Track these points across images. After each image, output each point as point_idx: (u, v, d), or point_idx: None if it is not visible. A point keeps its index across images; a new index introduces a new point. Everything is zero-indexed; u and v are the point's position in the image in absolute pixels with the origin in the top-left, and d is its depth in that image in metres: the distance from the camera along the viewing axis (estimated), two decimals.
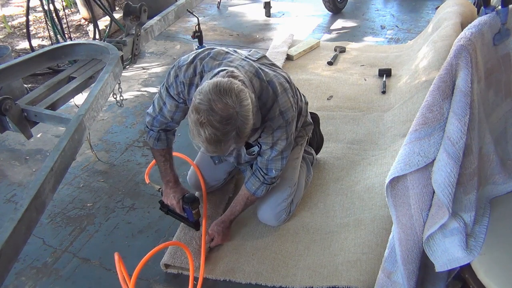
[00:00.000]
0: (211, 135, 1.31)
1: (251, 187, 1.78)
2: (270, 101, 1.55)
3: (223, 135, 1.32)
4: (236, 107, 1.32)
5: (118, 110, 2.86)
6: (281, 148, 1.65)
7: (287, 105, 1.57)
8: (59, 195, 2.16)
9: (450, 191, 1.05)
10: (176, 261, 1.72)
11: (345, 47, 3.51)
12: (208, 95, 1.31)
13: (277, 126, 1.58)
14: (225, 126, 1.31)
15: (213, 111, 1.29)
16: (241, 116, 1.33)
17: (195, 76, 1.59)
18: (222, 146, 1.35)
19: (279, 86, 1.57)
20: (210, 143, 1.33)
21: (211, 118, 1.29)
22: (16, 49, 3.91)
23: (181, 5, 3.16)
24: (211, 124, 1.29)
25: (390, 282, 1.26)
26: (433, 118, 1.07)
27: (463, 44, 1.06)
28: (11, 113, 1.75)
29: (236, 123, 1.33)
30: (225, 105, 1.30)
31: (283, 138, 1.62)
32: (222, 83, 1.33)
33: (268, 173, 1.73)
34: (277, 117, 1.56)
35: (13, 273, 1.76)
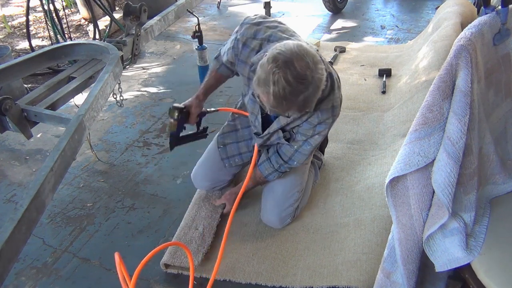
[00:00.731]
0: (280, 89, 1.26)
1: (264, 171, 1.80)
2: (327, 92, 1.51)
3: (291, 94, 1.28)
4: (313, 72, 1.28)
5: (118, 110, 2.86)
6: (315, 143, 1.66)
7: (338, 102, 1.57)
8: (59, 195, 2.16)
9: (450, 191, 1.05)
10: (176, 261, 1.72)
11: (345, 47, 3.51)
12: (291, 49, 1.28)
13: (324, 119, 1.56)
14: (298, 84, 1.27)
15: (292, 65, 1.26)
16: (314, 83, 1.30)
17: (253, 39, 1.56)
18: (285, 105, 1.31)
19: (337, 81, 1.57)
20: (275, 97, 1.28)
21: (287, 71, 1.25)
22: (16, 49, 3.91)
23: (181, 5, 3.16)
24: (285, 77, 1.25)
25: (390, 282, 1.26)
26: (433, 118, 1.07)
27: (463, 44, 1.06)
28: (11, 113, 1.75)
29: (308, 87, 1.29)
30: (305, 64, 1.27)
31: (322, 134, 1.63)
32: (305, 46, 1.32)
33: (289, 162, 1.73)
34: (328, 110, 1.55)
35: (13, 273, 1.76)
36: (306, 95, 1.30)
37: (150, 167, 2.35)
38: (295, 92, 1.28)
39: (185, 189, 2.18)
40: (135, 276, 1.46)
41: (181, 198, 2.12)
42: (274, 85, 1.26)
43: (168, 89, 3.14)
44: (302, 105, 1.33)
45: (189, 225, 1.88)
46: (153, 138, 2.59)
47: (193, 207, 1.99)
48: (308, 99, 1.32)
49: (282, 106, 1.32)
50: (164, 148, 2.50)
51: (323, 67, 1.33)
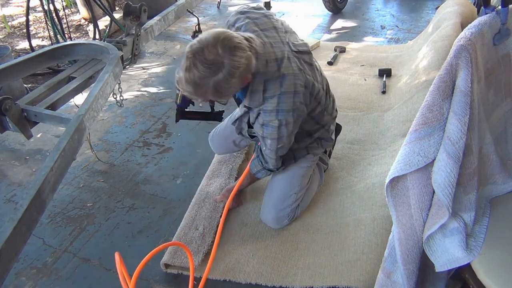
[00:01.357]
0: (190, 74, 1.35)
1: (253, 168, 1.86)
2: (272, 92, 1.52)
3: (199, 78, 1.35)
4: (225, 58, 1.33)
5: (118, 110, 2.86)
6: (272, 147, 1.65)
7: (287, 107, 1.53)
8: (59, 195, 2.16)
9: (450, 191, 1.05)
10: (176, 261, 1.72)
11: (345, 47, 3.51)
12: (207, 37, 1.35)
13: (267, 122, 1.56)
14: (206, 69, 1.33)
15: (202, 52, 1.33)
16: (226, 70, 1.35)
17: (233, 26, 1.64)
18: (196, 90, 1.39)
19: (291, 85, 1.52)
20: (187, 81, 1.37)
21: (196, 57, 1.33)
22: (16, 49, 3.91)
23: (181, 5, 3.16)
24: (194, 62, 1.33)
25: (390, 282, 1.26)
26: (433, 118, 1.07)
27: (463, 44, 1.06)
28: (11, 113, 1.75)
29: (217, 73, 1.34)
30: (215, 51, 1.33)
31: (273, 138, 1.61)
32: (227, 33, 1.36)
33: (267, 161, 1.77)
34: (271, 112, 1.53)
35: (13, 273, 1.76)
36: (216, 79, 1.35)
37: (150, 167, 2.36)
38: (203, 77, 1.34)
39: (185, 189, 2.18)
40: (135, 276, 1.46)
41: (181, 198, 2.12)
42: (185, 71, 1.35)
43: (168, 89, 3.14)
44: (214, 91, 1.39)
45: (189, 225, 1.88)
46: (153, 138, 2.59)
47: (193, 207, 1.99)
48: (218, 84, 1.37)
49: (195, 91, 1.39)
50: (164, 148, 2.50)
51: (241, 55, 1.36)
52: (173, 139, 2.57)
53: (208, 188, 2.10)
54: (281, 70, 1.51)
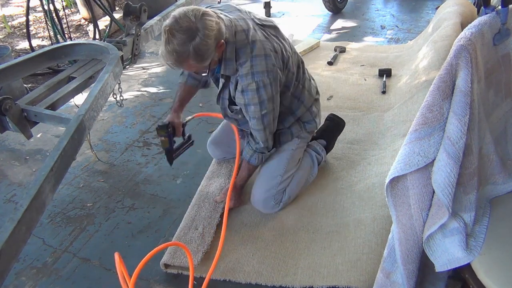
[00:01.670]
0: (170, 45, 1.45)
1: (245, 155, 1.90)
2: (244, 58, 1.62)
3: (179, 45, 1.45)
4: (197, 24, 1.45)
5: (118, 110, 2.86)
6: (256, 114, 1.70)
7: (260, 69, 1.62)
8: (59, 195, 2.16)
9: (450, 191, 1.05)
10: (176, 261, 1.72)
11: (345, 47, 3.51)
12: (179, 12, 1.47)
13: (246, 86, 1.64)
14: (182, 35, 1.44)
15: (176, 22, 1.45)
16: (201, 34, 1.45)
17: None
18: (180, 58, 1.48)
19: (261, 49, 1.62)
20: (169, 52, 1.47)
21: (173, 27, 1.44)
22: (16, 49, 3.91)
23: (181, 5, 3.16)
24: (171, 32, 1.44)
25: (389, 282, 1.26)
26: (433, 118, 1.07)
27: (463, 44, 1.06)
28: (11, 113, 1.75)
29: (193, 36, 1.45)
30: (188, 19, 1.45)
31: (255, 103, 1.67)
32: (197, 7, 1.50)
33: (257, 141, 1.82)
34: (246, 75, 1.63)
35: (13, 273, 1.76)
36: (194, 44, 1.45)
37: (150, 167, 2.36)
38: (181, 42, 1.45)
39: (185, 189, 2.18)
40: (135, 276, 1.46)
41: (181, 198, 2.12)
42: (165, 44, 1.46)
43: (168, 89, 3.14)
44: (195, 55, 1.47)
45: (189, 225, 1.88)
46: (153, 138, 2.59)
47: (193, 207, 1.99)
48: (198, 47, 1.46)
49: (178, 59, 1.49)
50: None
51: (212, 20, 1.48)
52: None
53: (208, 188, 2.10)
54: (249, 38, 1.63)
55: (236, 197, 1.99)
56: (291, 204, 2.01)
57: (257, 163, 1.91)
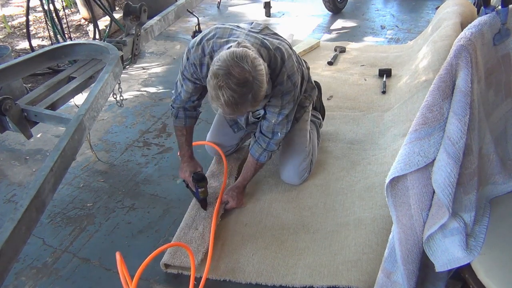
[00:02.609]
0: (229, 98, 1.44)
1: (254, 153, 1.95)
2: (279, 67, 1.69)
3: (239, 97, 1.45)
4: (252, 72, 1.45)
5: (118, 110, 2.86)
6: (287, 111, 1.81)
7: (293, 70, 1.73)
8: (59, 195, 2.16)
9: (450, 191, 1.05)
10: (176, 261, 1.72)
11: (345, 47, 3.51)
12: (225, 61, 1.44)
13: (286, 90, 1.73)
14: (242, 88, 1.44)
15: (230, 75, 1.43)
16: (257, 80, 1.47)
17: (204, 56, 1.71)
18: (239, 108, 1.49)
19: (285, 52, 1.71)
20: (228, 105, 1.46)
21: (229, 82, 1.42)
22: (16, 49, 3.91)
23: (181, 5, 3.16)
24: (229, 87, 1.43)
25: (390, 282, 1.26)
26: (433, 118, 1.07)
27: (463, 44, 1.06)
28: (11, 113, 1.75)
29: (252, 87, 1.46)
30: (242, 69, 1.43)
31: (291, 101, 1.78)
32: (238, 51, 1.47)
33: (274, 136, 1.88)
34: (286, 81, 1.71)
35: (13, 273, 1.76)
36: (253, 93, 1.48)
37: (150, 167, 2.36)
38: (242, 95, 1.45)
39: (185, 189, 2.17)
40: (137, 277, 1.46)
41: (181, 198, 2.12)
42: (223, 96, 1.44)
43: (168, 89, 3.14)
44: (253, 101, 1.50)
45: (189, 225, 1.88)
46: (153, 138, 2.59)
47: (193, 207, 1.99)
48: (256, 94, 1.49)
49: (237, 110, 1.50)
50: (164, 148, 2.50)
51: (260, 63, 1.50)
52: (173, 139, 2.57)
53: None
54: (269, 47, 1.67)
55: (239, 197, 2.00)
56: (291, 204, 2.01)
57: (265, 161, 1.97)
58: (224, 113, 1.54)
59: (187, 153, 2.04)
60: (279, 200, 2.04)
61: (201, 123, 2.65)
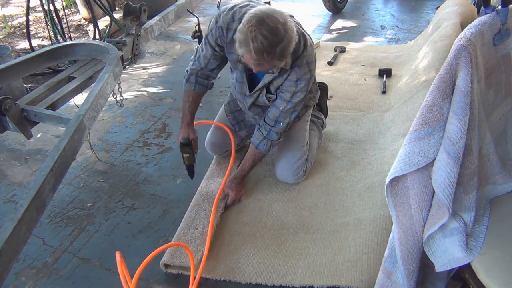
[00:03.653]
0: (259, 44, 1.46)
1: (255, 140, 1.98)
2: (301, 51, 1.71)
3: (269, 46, 1.47)
4: (284, 25, 1.49)
5: (118, 110, 2.86)
6: (297, 100, 1.82)
7: (312, 58, 1.76)
8: (59, 195, 2.16)
9: (450, 191, 1.05)
10: (176, 261, 1.72)
11: (345, 47, 3.51)
12: (260, 11, 1.50)
13: (302, 75, 1.75)
14: (273, 37, 1.47)
15: (264, 22, 1.47)
16: (287, 34, 1.50)
17: (233, 21, 1.73)
18: (265, 58, 1.51)
19: (308, 40, 1.75)
20: (256, 52, 1.49)
21: (261, 28, 1.46)
22: (16, 49, 3.91)
23: (181, 5, 3.16)
24: (261, 32, 1.46)
25: (390, 282, 1.26)
26: (433, 118, 1.07)
27: (463, 44, 1.06)
28: (11, 113, 1.75)
29: (282, 39, 1.49)
30: (275, 19, 1.48)
31: (303, 90, 1.80)
32: (272, 7, 1.54)
33: (276, 125, 1.90)
34: (304, 66, 1.73)
35: (13, 273, 1.76)
36: (282, 46, 1.50)
37: (150, 167, 2.36)
38: (272, 44, 1.48)
39: (185, 189, 2.18)
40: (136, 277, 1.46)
41: (181, 198, 2.12)
42: (253, 42, 1.47)
43: (168, 89, 3.14)
44: (281, 55, 1.52)
45: (189, 225, 1.88)
46: (153, 138, 2.59)
47: (193, 207, 1.99)
48: (284, 48, 1.52)
49: (264, 59, 1.51)
50: (164, 148, 2.50)
51: (291, 21, 1.55)
52: (173, 139, 2.57)
53: (207, 188, 2.10)
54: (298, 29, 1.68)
55: (238, 189, 2.03)
56: (291, 204, 2.01)
57: (264, 150, 1.97)
58: (249, 59, 1.54)
59: (186, 119, 2.02)
60: (279, 200, 2.04)
61: None
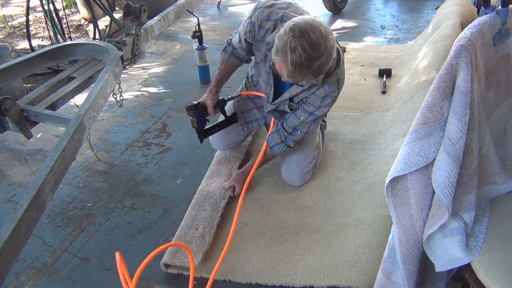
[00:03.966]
0: (297, 56, 1.40)
1: (271, 141, 1.96)
2: (333, 67, 1.66)
3: (306, 60, 1.41)
4: (326, 41, 1.43)
5: (118, 110, 2.86)
6: (320, 113, 1.80)
7: (343, 76, 1.73)
8: (59, 195, 2.16)
9: (450, 191, 1.05)
10: (176, 261, 1.72)
11: (345, 47, 3.51)
12: (305, 21, 1.42)
13: (330, 93, 1.71)
14: (313, 51, 1.40)
15: (306, 34, 1.40)
16: (327, 51, 1.44)
17: (268, 20, 1.68)
18: (298, 72, 1.44)
19: (342, 57, 1.70)
20: (292, 64, 1.41)
21: (303, 40, 1.39)
22: (16, 49, 3.91)
23: (181, 5, 3.16)
24: (302, 45, 1.39)
25: (390, 283, 1.26)
26: (433, 118, 1.07)
27: (463, 44, 1.06)
28: (11, 113, 1.75)
29: (321, 54, 1.42)
30: (319, 33, 1.41)
31: (328, 106, 1.78)
32: (317, 19, 1.47)
33: (293, 133, 1.89)
34: (334, 83, 1.70)
35: (13, 273, 1.76)
36: (320, 62, 1.44)
37: (150, 167, 2.36)
38: (310, 58, 1.41)
39: (185, 189, 2.18)
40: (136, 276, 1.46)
41: (181, 198, 2.12)
42: (292, 53, 1.39)
43: (168, 89, 3.14)
44: (316, 71, 1.46)
45: (189, 225, 1.88)
46: (153, 138, 2.59)
47: (193, 207, 1.99)
48: (322, 65, 1.45)
49: (299, 72, 1.44)
50: (164, 148, 2.50)
51: (333, 37, 1.48)
52: (173, 139, 2.57)
53: (208, 188, 2.10)
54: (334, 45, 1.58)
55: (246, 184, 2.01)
56: (291, 204, 2.01)
57: (278, 153, 1.97)
58: (284, 69, 1.47)
59: (212, 84, 2.04)
60: (279, 200, 2.04)
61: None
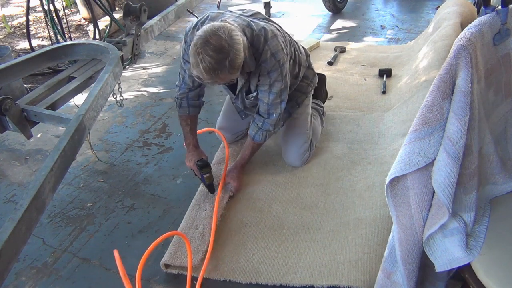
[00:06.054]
0: (207, 64, 1.54)
1: (251, 132, 2.05)
2: (262, 46, 1.76)
3: (216, 63, 1.54)
4: (228, 40, 1.56)
5: (118, 110, 2.86)
6: (277, 89, 1.86)
7: (277, 48, 1.78)
8: (59, 195, 2.16)
9: (450, 191, 1.05)
10: (176, 261, 1.72)
11: (345, 47, 3.51)
12: (204, 32, 1.57)
13: (271, 67, 1.79)
14: (218, 55, 1.54)
15: (208, 42, 1.54)
16: (233, 48, 1.57)
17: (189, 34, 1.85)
18: (217, 74, 1.58)
19: (270, 32, 1.78)
20: (206, 71, 1.56)
21: (206, 48, 1.53)
22: (16, 49, 3.91)
23: (181, 5, 3.17)
24: (207, 53, 1.53)
25: (390, 283, 1.26)
26: (433, 118, 1.07)
27: (463, 44, 1.06)
28: (11, 113, 1.76)
29: (228, 53, 1.55)
30: (218, 37, 1.55)
31: (279, 80, 1.83)
32: (216, 24, 1.61)
33: (269, 117, 1.96)
34: (269, 58, 1.77)
35: (13, 273, 1.76)
36: (229, 59, 1.56)
37: (150, 167, 2.36)
38: (219, 61, 1.55)
39: (185, 189, 2.18)
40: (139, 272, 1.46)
41: (181, 198, 2.12)
42: (202, 62, 1.54)
43: (168, 89, 3.14)
44: (230, 68, 1.58)
45: (189, 225, 1.89)
46: (153, 138, 2.59)
47: (193, 207, 1.99)
48: (232, 61, 1.58)
49: (216, 76, 1.58)
50: (164, 148, 2.50)
51: (237, 33, 1.61)
52: (173, 139, 2.57)
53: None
54: (257, 28, 1.76)
55: (240, 177, 2.09)
56: (291, 204, 2.01)
57: (261, 141, 2.05)
58: (204, 79, 1.60)
59: (191, 142, 2.09)
60: (279, 200, 2.04)
61: (201, 123, 2.65)
